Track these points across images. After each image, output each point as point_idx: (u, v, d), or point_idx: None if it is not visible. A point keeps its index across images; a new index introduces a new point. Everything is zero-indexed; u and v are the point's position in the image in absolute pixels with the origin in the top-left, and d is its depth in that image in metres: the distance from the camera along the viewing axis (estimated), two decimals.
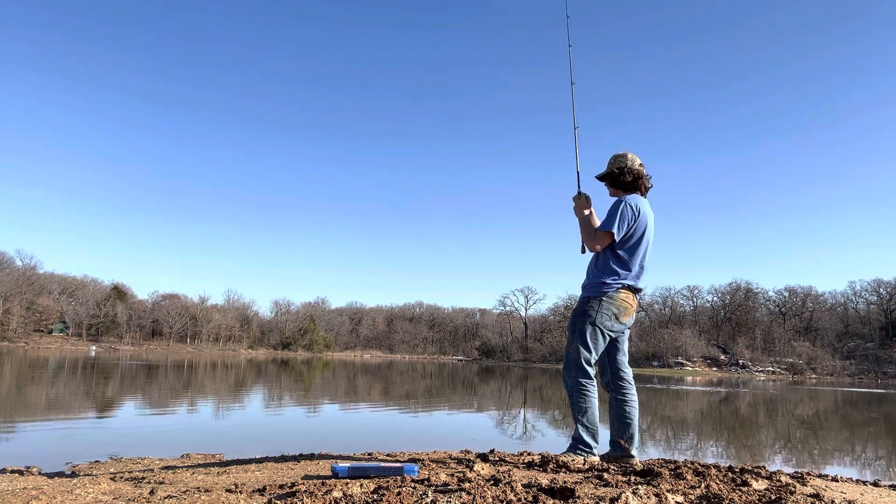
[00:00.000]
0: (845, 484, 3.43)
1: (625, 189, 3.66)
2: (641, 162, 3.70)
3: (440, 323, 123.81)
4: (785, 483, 2.78)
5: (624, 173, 3.64)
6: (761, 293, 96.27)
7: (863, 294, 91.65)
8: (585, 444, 3.42)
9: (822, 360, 76.44)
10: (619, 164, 3.68)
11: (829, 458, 7.84)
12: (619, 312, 3.48)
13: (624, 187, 3.66)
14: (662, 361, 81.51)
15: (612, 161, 3.72)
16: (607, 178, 3.73)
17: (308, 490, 2.32)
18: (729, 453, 7.74)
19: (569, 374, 3.48)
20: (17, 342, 75.54)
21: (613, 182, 3.69)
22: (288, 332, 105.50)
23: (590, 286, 3.57)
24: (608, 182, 3.74)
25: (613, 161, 3.71)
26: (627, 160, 3.66)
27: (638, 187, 3.65)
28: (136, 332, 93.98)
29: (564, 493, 2.28)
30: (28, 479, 3.11)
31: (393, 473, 2.71)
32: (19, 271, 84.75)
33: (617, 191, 3.70)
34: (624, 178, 3.64)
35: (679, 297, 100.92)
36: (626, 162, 3.66)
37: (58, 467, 4.34)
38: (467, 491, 2.26)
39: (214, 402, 12.23)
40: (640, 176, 3.65)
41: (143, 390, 14.38)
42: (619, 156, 3.69)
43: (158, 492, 2.46)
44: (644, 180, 3.66)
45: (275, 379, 22.87)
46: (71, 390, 13.44)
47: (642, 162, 3.71)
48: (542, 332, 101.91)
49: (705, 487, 2.52)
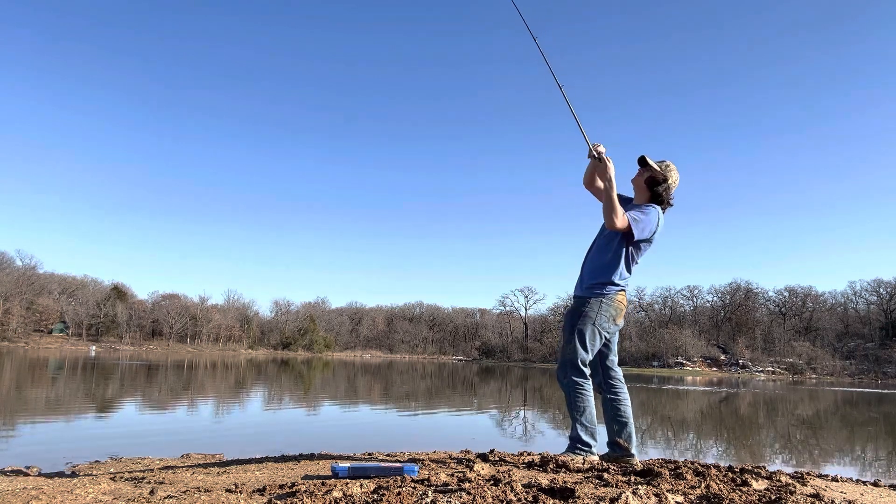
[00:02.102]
0: (845, 484, 3.42)
1: (653, 195, 3.63)
2: (677, 180, 3.72)
3: (440, 323, 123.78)
4: (785, 483, 2.78)
5: (668, 187, 3.63)
6: (761, 293, 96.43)
7: (863, 294, 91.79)
8: (584, 442, 3.43)
9: (822, 360, 76.49)
10: (668, 174, 3.63)
11: (829, 458, 7.84)
12: (616, 314, 3.54)
13: (654, 194, 3.63)
14: (662, 361, 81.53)
15: (664, 166, 3.64)
16: (650, 175, 3.64)
17: (308, 490, 2.32)
18: (729, 453, 7.74)
19: (564, 374, 3.49)
20: (17, 342, 75.55)
21: (651, 183, 3.63)
22: (288, 332, 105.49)
23: (592, 286, 3.55)
24: (647, 179, 3.64)
25: (666, 167, 3.64)
26: (676, 176, 3.66)
27: (664, 201, 3.66)
28: (136, 332, 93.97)
29: (564, 493, 2.28)
30: (28, 479, 3.11)
31: (393, 473, 2.71)
32: (19, 271, 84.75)
33: (642, 187, 3.65)
34: (657, 189, 3.62)
35: (679, 297, 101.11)
36: (674, 177, 3.66)
37: (58, 467, 4.34)
38: (467, 491, 2.26)
39: (214, 402, 12.24)
40: (671, 196, 3.68)
41: (143, 390, 14.38)
42: (672, 168, 3.66)
43: (158, 492, 2.46)
44: (670, 198, 3.68)
45: (275, 379, 22.87)
46: (71, 390, 13.44)
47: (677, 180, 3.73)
48: (542, 332, 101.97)
49: (705, 487, 2.52)
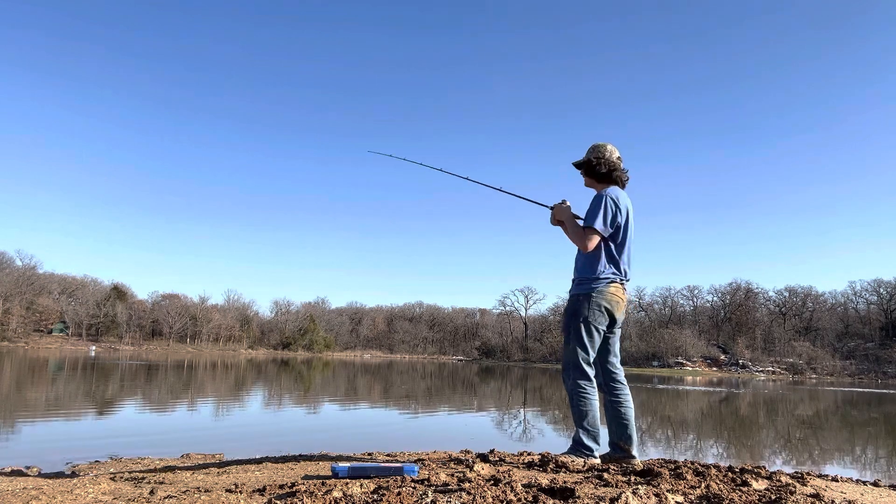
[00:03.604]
0: (845, 484, 3.42)
1: (599, 180, 3.64)
2: (620, 156, 3.66)
3: (440, 323, 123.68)
4: (785, 483, 2.78)
5: (600, 164, 3.61)
6: (761, 293, 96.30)
7: (863, 294, 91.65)
8: (586, 446, 3.40)
9: (822, 360, 76.44)
10: (597, 153, 3.64)
11: (829, 458, 7.84)
12: (612, 307, 3.46)
13: (598, 178, 3.64)
14: (662, 361, 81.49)
15: (589, 150, 3.68)
16: (583, 166, 3.70)
17: (308, 490, 2.32)
18: (729, 453, 7.74)
19: (568, 377, 3.47)
20: (17, 342, 75.50)
21: (588, 171, 3.68)
22: (288, 332, 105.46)
23: (578, 283, 3.54)
24: (584, 171, 3.71)
25: (591, 150, 3.67)
26: (606, 151, 3.63)
27: (613, 179, 3.62)
28: (136, 332, 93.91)
29: (564, 493, 2.27)
30: (28, 479, 3.11)
31: (393, 473, 2.71)
32: (19, 271, 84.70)
33: (591, 181, 3.68)
34: (599, 169, 3.62)
35: (679, 297, 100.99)
36: (604, 153, 3.62)
37: (58, 467, 4.34)
38: (467, 491, 2.25)
39: (214, 402, 12.24)
40: (616, 168, 3.62)
41: (142, 390, 14.38)
42: (598, 146, 3.66)
43: (158, 492, 2.46)
44: (620, 173, 3.63)
45: (275, 379, 22.86)
46: (71, 390, 13.44)
47: (620, 156, 3.67)
48: (542, 332, 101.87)
49: (705, 487, 2.52)
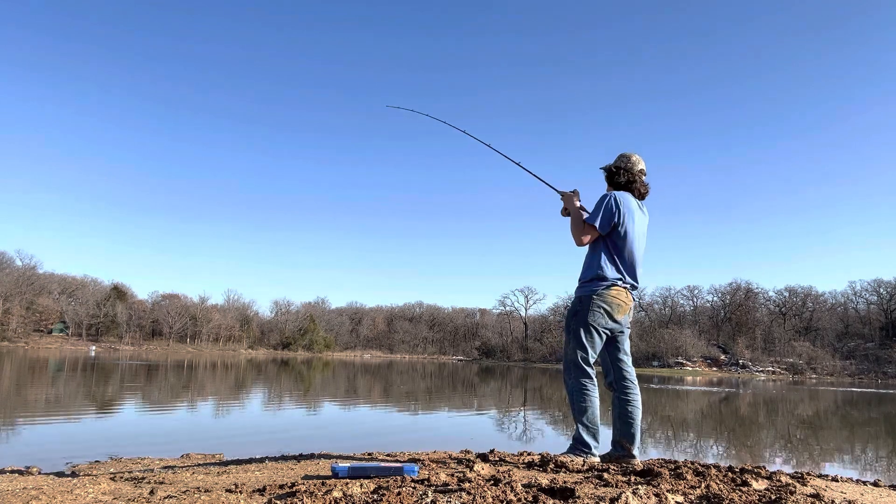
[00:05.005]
0: (845, 484, 3.42)
1: (616, 188, 3.71)
2: (643, 168, 3.73)
3: (440, 323, 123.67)
4: (785, 483, 2.78)
5: (619, 173, 3.70)
6: (761, 293, 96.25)
7: (863, 294, 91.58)
8: (585, 444, 3.41)
9: (822, 360, 76.40)
10: (619, 163, 3.74)
11: (829, 458, 7.84)
12: (612, 309, 3.48)
13: (616, 186, 3.72)
14: (662, 361, 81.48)
15: (617, 158, 3.78)
16: (606, 174, 3.80)
17: (308, 490, 2.32)
18: (729, 453, 7.74)
19: (569, 375, 3.49)
20: (17, 342, 75.52)
21: (608, 177, 3.77)
22: (288, 332, 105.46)
23: (581, 284, 3.60)
24: (606, 177, 3.81)
25: (618, 158, 3.77)
26: (629, 162, 3.71)
27: (631, 190, 3.69)
28: (136, 332, 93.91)
29: (564, 493, 2.27)
30: (28, 479, 3.11)
31: (393, 473, 2.71)
32: (19, 271, 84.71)
33: (609, 188, 3.77)
34: (618, 178, 3.71)
35: (679, 297, 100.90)
36: (627, 163, 3.71)
37: (58, 467, 4.34)
38: (467, 491, 2.25)
39: (214, 402, 12.24)
40: (634, 180, 3.69)
41: (143, 390, 14.38)
42: (624, 156, 3.74)
43: (158, 492, 2.46)
44: (639, 185, 3.70)
45: (275, 379, 22.87)
46: (71, 390, 13.44)
47: (644, 169, 3.74)
48: (542, 332, 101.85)
49: (705, 487, 2.52)
